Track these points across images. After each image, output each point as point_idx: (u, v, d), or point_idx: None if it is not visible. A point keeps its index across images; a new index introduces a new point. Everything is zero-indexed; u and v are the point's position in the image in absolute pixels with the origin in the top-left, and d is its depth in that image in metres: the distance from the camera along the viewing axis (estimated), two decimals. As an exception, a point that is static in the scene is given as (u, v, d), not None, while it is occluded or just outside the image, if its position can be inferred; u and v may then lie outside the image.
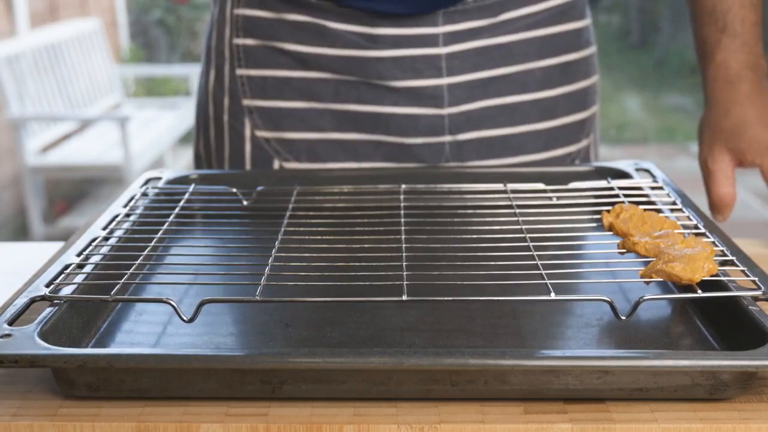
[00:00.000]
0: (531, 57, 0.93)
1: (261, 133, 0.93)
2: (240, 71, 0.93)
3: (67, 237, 2.35)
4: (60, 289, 0.60)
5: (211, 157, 0.98)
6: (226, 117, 0.95)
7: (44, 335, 0.54)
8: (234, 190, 0.82)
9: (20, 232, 3.94)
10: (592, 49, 0.98)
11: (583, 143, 0.98)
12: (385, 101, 0.90)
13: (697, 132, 0.91)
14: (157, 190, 0.82)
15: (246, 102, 0.93)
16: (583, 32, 0.96)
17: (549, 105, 0.94)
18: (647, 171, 0.86)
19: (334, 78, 0.91)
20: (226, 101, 0.95)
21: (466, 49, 0.90)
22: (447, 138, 0.91)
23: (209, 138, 0.98)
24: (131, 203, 0.78)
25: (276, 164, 0.93)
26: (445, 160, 0.92)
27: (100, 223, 0.73)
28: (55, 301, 0.58)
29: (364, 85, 0.91)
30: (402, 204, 0.78)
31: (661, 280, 0.60)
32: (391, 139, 0.91)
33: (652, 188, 0.80)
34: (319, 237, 0.72)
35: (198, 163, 1.01)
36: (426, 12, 0.88)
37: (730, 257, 0.64)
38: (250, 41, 0.93)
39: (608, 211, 0.71)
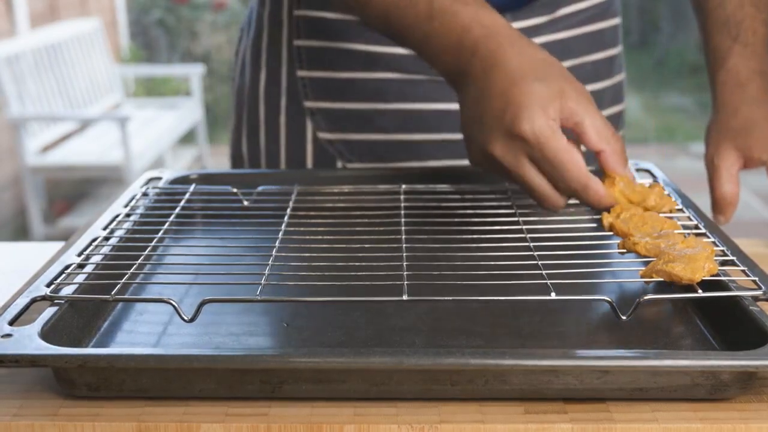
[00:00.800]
0: (583, 52, 0.96)
1: (324, 135, 0.93)
2: (301, 73, 0.93)
3: (67, 237, 2.35)
4: (61, 288, 0.60)
5: (260, 158, 0.98)
6: (282, 118, 0.95)
7: (45, 335, 0.54)
8: (234, 190, 0.82)
9: (20, 232, 3.94)
10: (622, 45, 1.03)
11: (621, 134, 1.02)
12: (451, 99, 0.90)
13: (705, 134, 0.91)
14: (157, 190, 0.82)
15: (308, 104, 0.93)
16: (618, 29, 1.01)
17: (598, 97, 0.96)
18: (647, 171, 0.86)
19: (400, 78, 0.91)
20: (284, 102, 0.95)
21: None
22: None
23: (258, 139, 0.97)
24: (132, 203, 0.78)
25: (339, 165, 0.94)
26: None
27: (100, 223, 0.73)
28: (56, 301, 0.58)
29: (430, 84, 0.91)
30: (402, 204, 0.78)
31: (662, 280, 0.60)
32: (456, 137, 0.91)
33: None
34: (319, 237, 0.72)
35: (238, 165, 1.01)
36: (504, 11, 0.89)
37: (731, 257, 0.64)
38: (313, 42, 0.93)
39: (608, 211, 0.71)
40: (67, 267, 0.63)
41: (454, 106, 0.90)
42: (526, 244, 0.68)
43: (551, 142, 0.67)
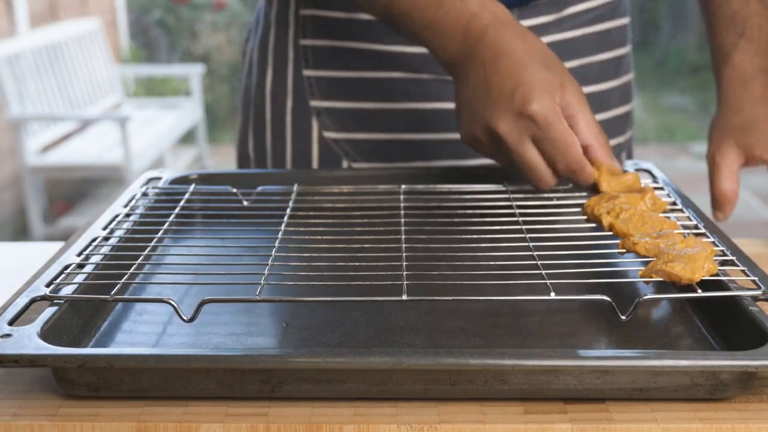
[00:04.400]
0: (589, 52, 0.96)
1: (329, 134, 0.93)
2: (308, 72, 0.93)
3: (67, 237, 2.35)
4: (60, 288, 0.60)
5: (266, 158, 0.98)
6: (288, 118, 0.95)
7: (44, 335, 0.54)
8: (234, 190, 0.82)
9: (20, 232, 3.94)
10: (630, 45, 1.03)
11: (628, 135, 1.03)
12: None
13: (708, 131, 0.92)
14: (157, 190, 0.82)
15: (314, 103, 0.93)
16: (627, 28, 1.01)
17: (604, 98, 0.97)
18: (647, 171, 0.86)
19: (406, 77, 0.91)
20: (290, 102, 0.95)
21: None
22: None
23: (264, 139, 0.97)
24: (131, 203, 0.78)
25: (345, 165, 0.94)
26: None
27: (100, 223, 0.73)
28: (56, 301, 0.58)
29: (437, 83, 0.91)
30: (402, 204, 0.78)
31: (661, 279, 0.60)
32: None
33: (652, 188, 0.80)
34: (319, 237, 0.72)
35: (244, 165, 1.01)
36: (509, 7, 0.89)
37: (730, 257, 0.64)
38: (319, 42, 0.93)
39: (608, 212, 0.71)
40: (66, 267, 0.63)
41: None
42: (526, 244, 0.68)
43: (557, 124, 0.71)
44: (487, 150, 0.75)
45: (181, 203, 0.78)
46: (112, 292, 0.59)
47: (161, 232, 0.71)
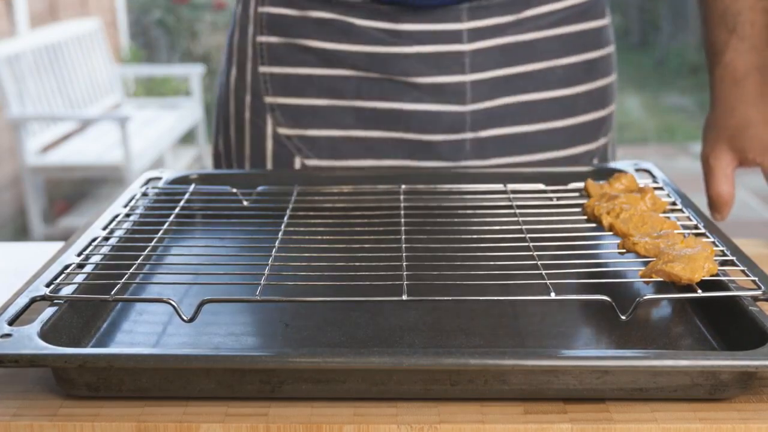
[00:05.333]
0: (553, 55, 0.94)
1: (283, 131, 0.94)
2: (263, 69, 0.94)
3: (67, 237, 2.35)
4: (60, 288, 0.60)
5: (231, 155, 0.98)
6: (247, 115, 0.95)
7: (44, 335, 0.54)
8: (234, 190, 0.82)
9: (20, 232, 3.94)
10: (611, 48, 0.99)
11: (602, 141, 0.99)
12: (407, 98, 0.91)
13: (702, 131, 0.91)
14: (157, 190, 0.82)
15: (268, 99, 0.94)
16: (603, 31, 0.98)
17: (570, 103, 0.95)
18: (647, 171, 0.86)
19: (357, 75, 0.91)
20: (248, 99, 0.95)
21: (490, 46, 0.91)
22: (468, 135, 0.92)
23: (229, 136, 0.98)
24: (131, 203, 0.78)
25: (297, 162, 0.94)
26: (465, 158, 0.92)
27: (100, 223, 0.73)
28: (56, 301, 0.58)
29: (387, 82, 0.91)
30: (402, 204, 0.78)
31: (661, 279, 0.60)
32: (412, 136, 0.92)
33: (652, 188, 0.80)
34: (319, 237, 0.72)
35: (217, 162, 1.01)
36: (451, 4, 0.89)
37: (730, 257, 0.64)
38: (274, 39, 0.93)
39: (608, 212, 0.71)
40: (66, 267, 0.63)
41: (410, 105, 0.91)
42: (526, 244, 0.68)
43: None
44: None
45: (181, 203, 0.78)
46: (112, 292, 0.59)
47: (161, 232, 0.71)
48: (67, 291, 0.60)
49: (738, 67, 0.87)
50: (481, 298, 0.61)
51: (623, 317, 0.58)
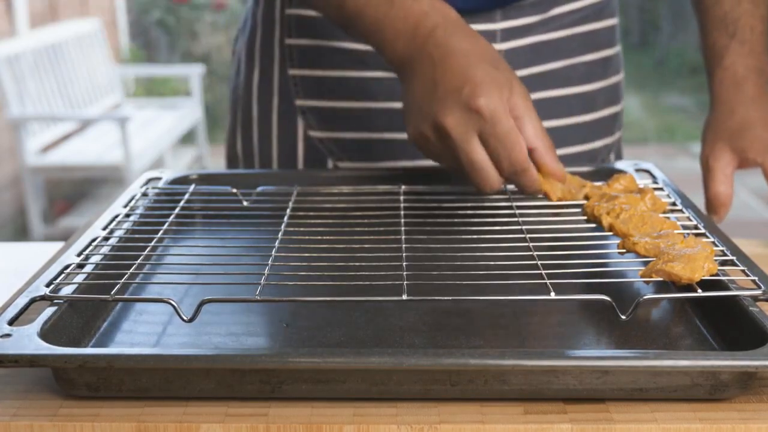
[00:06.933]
0: (575, 52, 0.96)
1: (314, 133, 0.94)
2: (293, 71, 0.94)
3: (67, 237, 2.35)
4: (60, 288, 0.60)
5: (254, 157, 0.98)
6: (274, 117, 0.95)
7: (44, 335, 0.54)
8: (234, 190, 0.82)
9: (20, 232, 3.94)
10: (620, 46, 1.02)
11: (616, 136, 1.03)
12: None
13: (701, 133, 0.92)
14: (157, 190, 0.82)
15: (299, 102, 0.94)
16: (615, 29, 1.01)
17: (590, 98, 0.97)
18: (647, 171, 0.86)
19: (389, 77, 0.91)
20: (275, 101, 0.95)
21: (521, 45, 0.92)
22: None
23: (251, 139, 0.97)
24: (131, 203, 0.78)
25: (330, 164, 0.94)
26: None
27: (100, 223, 0.73)
28: (55, 301, 0.58)
29: None
30: (402, 204, 0.78)
31: (661, 279, 0.60)
32: None
33: (652, 189, 0.80)
34: (319, 237, 0.72)
35: (233, 164, 1.01)
36: (486, 9, 0.89)
37: (730, 257, 0.64)
38: (304, 41, 0.93)
39: (608, 212, 0.71)
40: (66, 267, 0.63)
41: None
42: (526, 244, 0.68)
43: (504, 121, 0.70)
44: (434, 149, 0.73)
45: (181, 203, 0.78)
46: (112, 292, 0.59)
47: (161, 232, 0.71)
48: (67, 291, 0.60)
49: (738, 70, 0.89)
50: (481, 298, 0.61)
51: (623, 317, 0.58)
